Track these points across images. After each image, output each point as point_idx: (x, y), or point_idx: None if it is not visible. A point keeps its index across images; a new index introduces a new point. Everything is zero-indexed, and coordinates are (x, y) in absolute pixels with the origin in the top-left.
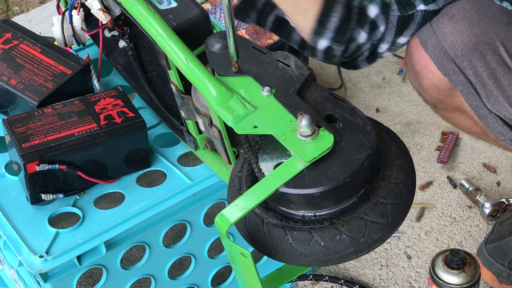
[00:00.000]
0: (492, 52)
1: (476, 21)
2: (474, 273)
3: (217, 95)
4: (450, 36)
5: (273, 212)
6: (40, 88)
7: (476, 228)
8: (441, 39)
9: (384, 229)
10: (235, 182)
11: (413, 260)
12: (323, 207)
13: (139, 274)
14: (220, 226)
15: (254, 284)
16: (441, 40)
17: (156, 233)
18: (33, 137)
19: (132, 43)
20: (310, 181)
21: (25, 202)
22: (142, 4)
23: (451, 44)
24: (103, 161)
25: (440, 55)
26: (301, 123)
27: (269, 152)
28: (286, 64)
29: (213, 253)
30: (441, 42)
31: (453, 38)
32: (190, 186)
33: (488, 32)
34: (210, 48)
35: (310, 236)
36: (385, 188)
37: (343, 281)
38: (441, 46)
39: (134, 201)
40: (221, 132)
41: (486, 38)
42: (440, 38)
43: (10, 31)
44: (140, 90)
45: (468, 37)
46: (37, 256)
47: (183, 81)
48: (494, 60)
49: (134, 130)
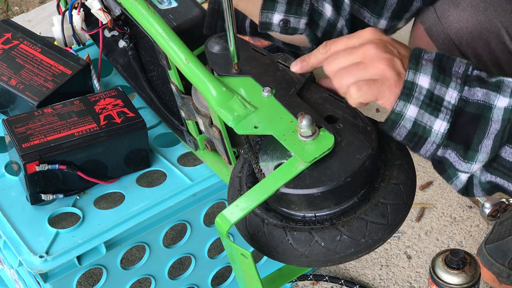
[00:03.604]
0: (497, 40)
1: (482, 9)
2: (474, 273)
3: (218, 95)
4: (455, 23)
5: (274, 213)
6: (40, 88)
7: (476, 228)
8: (447, 26)
9: (384, 229)
10: (236, 182)
11: (413, 260)
12: (324, 207)
13: (139, 274)
14: (221, 227)
15: (254, 284)
16: (446, 27)
17: (156, 233)
18: (33, 137)
19: (132, 43)
20: (311, 181)
21: (25, 202)
22: (142, 4)
23: (456, 32)
24: (103, 161)
25: (445, 43)
26: (302, 123)
27: (270, 153)
28: (286, 66)
29: (213, 253)
30: (446, 29)
31: (458, 25)
32: (190, 186)
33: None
34: (210, 49)
35: (311, 237)
36: (385, 189)
37: (343, 281)
38: (446, 34)
39: (134, 201)
40: (221, 132)
41: (491, 26)
42: (446, 26)
43: (10, 31)
44: (140, 90)
45: (473, 25)
46: (37, 256)
47: (183, 81)
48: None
49: (134, 130)
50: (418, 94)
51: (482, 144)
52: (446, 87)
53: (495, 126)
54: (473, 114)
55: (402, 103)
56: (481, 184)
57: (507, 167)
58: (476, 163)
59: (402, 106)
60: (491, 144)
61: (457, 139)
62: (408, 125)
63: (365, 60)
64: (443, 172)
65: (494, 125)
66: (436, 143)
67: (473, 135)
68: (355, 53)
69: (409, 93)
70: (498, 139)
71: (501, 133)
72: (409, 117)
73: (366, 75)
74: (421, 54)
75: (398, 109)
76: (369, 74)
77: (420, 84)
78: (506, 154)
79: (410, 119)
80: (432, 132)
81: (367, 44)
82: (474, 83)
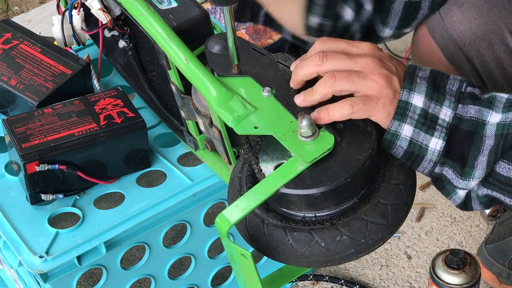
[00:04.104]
0: (500, 41)
1: (486, 10)
2: (474, 273)
3: (218, 95)
4: (458, 24)
5: (274, 213)
6: (40, 88)
7: (476, 228)
8: (450, 27)
9: (384, 229)
10: (236, 182)
11: (413, 260)
12: (324, 207)
13: (139, 274)
14: (221, 227)
15: (254, 284)
16: (449, 28)
17: (156, 233)
18: (33, 137)
19: (132, 43)
20: (311, 181)
21: (25, 202)
22: (142, 4)
23: (459, 33)
24: (103, 161)
25: (448, 43)
26: (302, 123)
27: (270, 153)
28: (286, 66)
29: (213, 253)
30: (449, 30)
31: (461, 26)
32: (190, 186)
33: (496, 22)
34: (210, 49)
35: (311, 237)
36: (385, 189)
37: (343, 281)
38: (449, 34)
39: (134, 201)
40: (221, 133)
41: (495, 28)
42: (449, 26)
43: (10, 31)
44: (140, 90)
45: (477, 26)
46: (37, 256)
47: (183, 81)
48: (502, 49)
49: (134, 130)
50: (412, 113)
51: (478, 160)
52: (440, 106)
53: (489, 142)
54: (467, 131)
55: (397, 122)
56: (479, 198)
57: (502, 181)
58: (473, 180)
59: (397, 126)
60: (486, 160)
61: (453, 156)
62: (404, 144)
63: (365, 71)
64: (442, 188)
65: (488, 141)
66: (433, 161)
67: (468, 152)
68: (355, 61)
69: (403, 112)
70: (493, 155)
71: (495, 149)
72: (404, 137)
73: (365, 87)
74: (415, 72)
75: (393, 129)
76: (367, 87)
77: (414, 103)
78: (501, 169)
79: (405, 139)
80: (429, 151)
81: (366, 57)
82: (467, 101)
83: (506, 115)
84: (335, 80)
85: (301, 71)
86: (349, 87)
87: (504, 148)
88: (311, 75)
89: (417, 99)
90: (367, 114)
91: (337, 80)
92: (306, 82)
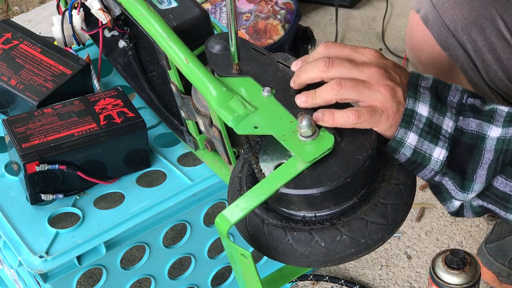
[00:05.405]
0: (492, 26)
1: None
2: (474, 273)
3: (218, 95)
4: (450, 10)
5: (274, 213)
6: (40, 88)
7: (476, 228)
8: (442, 13)
9: (384, 229)
10: (236, 182)
11: (413, 260)
12: (324, 207)
13: (139, 274)
14: (220, 227)
15: (254, 284)
16: (441, 14)
17: (156, 233)
18: (33, 137)
19: (132, 43)
20: (311, 181)
21: (25, 202)
22: (142, 4)
23: (451, 18)
24: (103, 161)
25: (441, 30)
26: (302, 123)
27: (270, 153)
28: (286, 66)
29: (213, 253)
30: (441, 16)
31: (453, 12)
32: (190, 186)
33: (487, 7)
34: (210, 50)
35: (311, 237)
36: (385, 189)
37: (343, 281)
38: (442, 20)
39: (134, 201)
40: (221, 133)
41: (486, 12)
42: (441, 13)
43: (10, 31)
44: (140, 90)
45: (468, 11)
46: (37, 256)
47: (183, 81)
48: (494, 34)
49: (134, 130)
50: (417, 122)
51: (477, 174)
52: (443, 116)
53: (488, 156)
54: (467, 144)
55: (403, 130)
56: (472, 208)
57: (498, 196)
58: (472, 193)
59: (403, 134)
60: (485, 174)
61: (454, 167)
62: (408, 152)
63: (370, 81)
64: (438, 194)
65: (487, 155)
66: (434, 170)
67: (468, 165)
68: (361, 70)
69: (410, 120)
70: (492, 169)
71: (494, 163)
72: (409, 145)
73: (370, 98)
74: (418, 81)
75: (399, 137)
76: (372, 97)
77: (420, 112)
78: (498, 184)
79: (410, 147)
80: (432, 160)
81: (372, 67)
82: (468, 114)
83: (506, 130)
84: (341, 89)
85: (305, 75)
86: (355, 97)
87: (503, 163)
88: (314, 80)
89: (422, 109)
90: (371, 126)
91: (343, 88)
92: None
